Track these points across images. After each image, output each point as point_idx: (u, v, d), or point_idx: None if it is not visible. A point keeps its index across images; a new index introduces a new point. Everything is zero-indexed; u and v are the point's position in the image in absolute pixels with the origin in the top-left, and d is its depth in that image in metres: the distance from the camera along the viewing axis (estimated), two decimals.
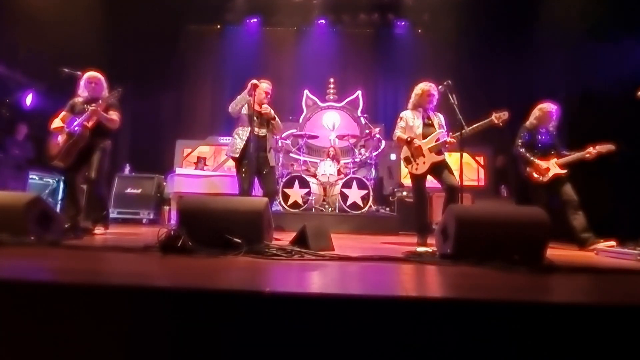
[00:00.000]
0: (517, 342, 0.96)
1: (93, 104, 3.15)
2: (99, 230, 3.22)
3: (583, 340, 0.97)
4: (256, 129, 3.50)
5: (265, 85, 3.61)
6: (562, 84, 5.00)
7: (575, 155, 3.58)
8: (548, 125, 3.75)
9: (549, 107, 3.72)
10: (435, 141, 3.28)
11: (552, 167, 3.62)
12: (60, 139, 3.17)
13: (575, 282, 1.58)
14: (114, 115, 3.26)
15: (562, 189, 3.58)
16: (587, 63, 4.46)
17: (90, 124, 3.14)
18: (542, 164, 3.64)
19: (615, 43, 4.32)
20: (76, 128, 3.12)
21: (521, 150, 3.75)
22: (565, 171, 3.60)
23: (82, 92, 3.31)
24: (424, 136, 3.34)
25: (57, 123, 3.24)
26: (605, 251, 2.94)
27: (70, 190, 3.35)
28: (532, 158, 3.68)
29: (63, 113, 3.28)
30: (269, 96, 3.63)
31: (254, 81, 3.47)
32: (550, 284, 1.49)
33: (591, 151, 3.51)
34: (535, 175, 3.67)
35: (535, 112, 3.77)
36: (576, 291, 1.41)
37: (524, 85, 5.76)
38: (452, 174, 3.25)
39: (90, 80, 3.29)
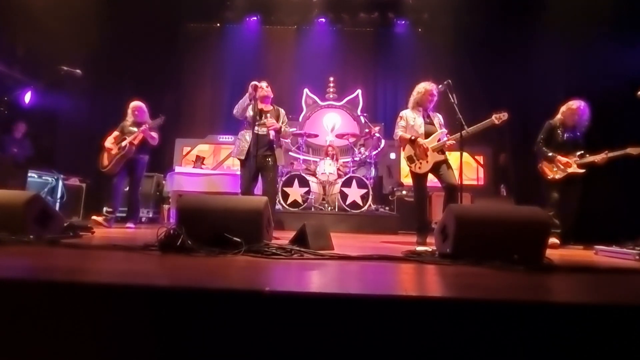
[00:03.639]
0: (516, 341, 0.96)
1: (143, 126, 4.06)
2: (129, 224, 4.08)
3: (582, 339, 0.97)
4: (256, 128, 3.47)
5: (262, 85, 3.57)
6: (562, 83, 4.99)
7: (594, 158, 3.56)
8: (574, 123, 3.67)
9: (574, 104, 3.65)
10: (437, 141, 3.28)
11: (573, 164, 3.60)
12: (113, 152, 4.06)
13: (574, 281, 1.58)
14: (155, 134, 4.17)
15: (570, 189, 3.58)
16: (587, 63, 4.45)
17: (136, 142, 4.04)
18: (563, 159, 3.61)
19: (617, 42, 4.31)
20: (125, 145, 4.03)
21: (541, 146, 3.73)
22: (582, 171, 3.58)
23: (129, 118, 4.20)
24: (427, 135, 3.35)
25: (110, 141, 4.11)
26: (605, 251, 2.94)
27: (113, 193, 4.13)
28: (552, 154, 3.65)
29: (115, 133, 4.17)
30: (265, 97, 3.57)
31: (255, 82, 3.43)
32: (549, 284, 1.49)
33: (603, 156, 3.52)
34: (548, 173, 3.65)
35: (562, 109, 3.73)
36: (575, 291, 1.41)
37: (524, 84, 5.75)
38: (453, 172, 3.26)
39: (134, 110, 4.18)
